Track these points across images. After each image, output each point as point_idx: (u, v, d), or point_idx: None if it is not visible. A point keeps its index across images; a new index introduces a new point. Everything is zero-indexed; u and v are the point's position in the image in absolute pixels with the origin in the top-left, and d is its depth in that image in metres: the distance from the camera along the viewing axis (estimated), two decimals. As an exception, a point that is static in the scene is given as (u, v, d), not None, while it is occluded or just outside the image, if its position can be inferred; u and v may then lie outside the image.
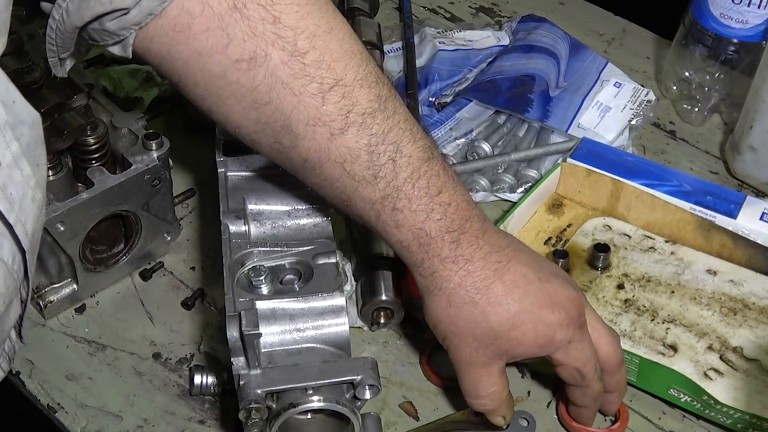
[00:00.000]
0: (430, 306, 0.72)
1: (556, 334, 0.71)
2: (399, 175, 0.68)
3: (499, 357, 0.72)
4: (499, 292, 0.70)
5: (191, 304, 0.89)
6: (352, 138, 0.66)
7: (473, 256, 0.70)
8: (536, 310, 0.70)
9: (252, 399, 0.66)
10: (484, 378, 0.73)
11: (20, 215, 0.57)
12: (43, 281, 0.86)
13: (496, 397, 0.74)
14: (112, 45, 0.66)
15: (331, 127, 0.65)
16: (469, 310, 0.70)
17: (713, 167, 1.07)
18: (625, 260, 0.91)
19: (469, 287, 0.70)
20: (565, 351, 0.72)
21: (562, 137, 1.05)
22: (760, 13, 1.01)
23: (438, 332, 0.73)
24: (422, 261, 0.70)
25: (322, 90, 0.65)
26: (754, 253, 0.89)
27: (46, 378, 0.83)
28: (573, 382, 0.74)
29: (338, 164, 0.67)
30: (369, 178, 0.67)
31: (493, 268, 0.70)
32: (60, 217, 0.79)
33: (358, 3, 1.19)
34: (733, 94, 1.08)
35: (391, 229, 0.69)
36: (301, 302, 0.71)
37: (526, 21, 1.20)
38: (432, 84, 1.11)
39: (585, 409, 0.77)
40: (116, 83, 1.04)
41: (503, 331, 0.70)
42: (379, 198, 0.68)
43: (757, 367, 0.81)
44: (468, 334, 0.71)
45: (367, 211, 0.69)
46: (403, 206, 0.68)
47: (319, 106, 0.65)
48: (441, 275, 0.70)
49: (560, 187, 0.98)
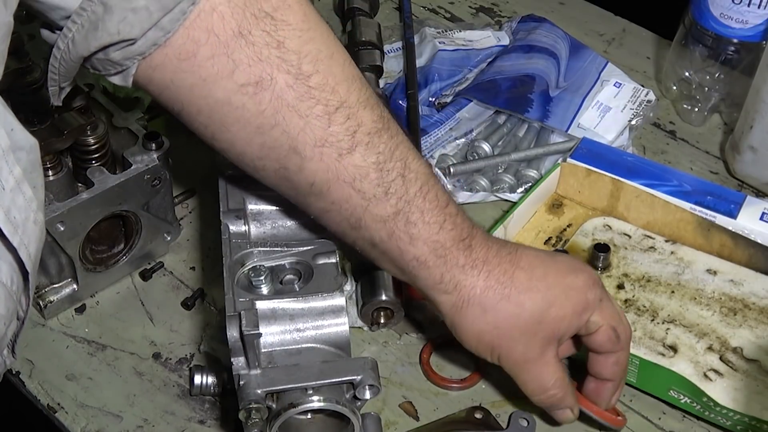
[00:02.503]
0: (465, 324, 0.72)
1: (587, 295, 0.72)
2: (409, 190, 0.68)
3: (549, 342, 0.72)
4: (524, 278, 0.71)
5: (191, 304, 0.89)
6: (360, 157, 0.66)
7: (488, 257, 0.71)
8: (562, 280, 0.72)
9: (252, 399, 0.66)
10: (544, 369, 0.73)
11: (24, 238, 0.58)
12: (43, 281, 0.86)
13: (561, 384, 0.74)
14: (114, 75, 0.66)
15: (339, 148, 0.66)
16: (505, 307, 0.70)
17: (713, 167, 1.07)
18: (625, 260, 0.91)
19: (496, 285, 0.70)
20: (601, 310, 0.72)
21: (562, 137, 1.05)
22: (760, 13, 1.01)
23: (484, 346, 0.73)
24: (442, 276, 0.70)
25: (328, 111, 0.65)
26: (754, 253, 0.89)
27: (46, 378, 0.83)
28: (609, 346, 0.73)
29: (347, 184, 0.67)
30: (380, 195, 0.67)
31: (508, 260, 0.71)
32: (60, 217, 0.79)
33: (358, 3, 1.19)
34: (733, 94, 1.08)
35: (407, 246, 0.69)
36: (301, 302, 0.71)
37: (526, 21, 1.20)
38: (432, 84, 1.11)
39: (611, 384, 0.76)
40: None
41: (542, 312, 0.71)
42: (392, 214, 0.68)
43: (757, 368, 0.81)
44: (514, 331, 0.71)
45: (379, 231, 0.69)
46: (416, 219, 0.69)
47: (325, 127, 0.65)
48: (465, 284, 0.70)
49: (560, 187, 0.98)
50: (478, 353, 0.74)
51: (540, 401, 0.75)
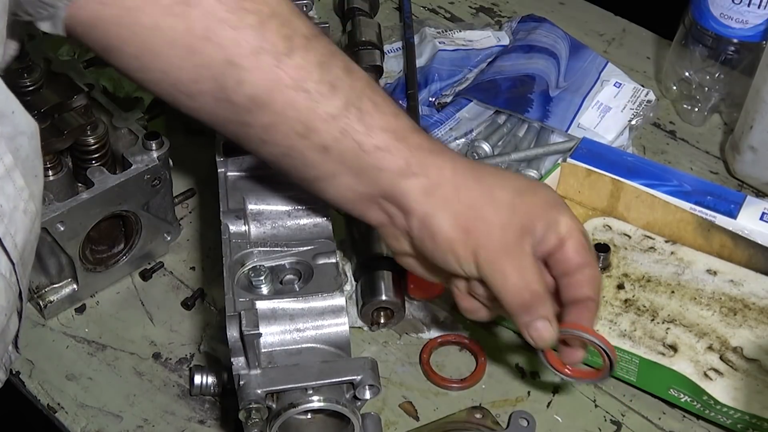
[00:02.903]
0: (437, 211, 0.66)
1: (554, 195, 0.71)
2: (356, 84, 0.66)
3: (525, 232, 0.67)
4: (489, 167, 0.69)
5: (191, 304, 0.89)
6: (300, 58, 0.64)
7: (449, 149, 0.69)
8: (523, 178, 0.72)
9: (252, 399, 0.66)
10: (525, 260, 0.67)
11: (9, 227, 0.57)
12: (43, 281, 0.86)
13: (541, 279, 0.68)
14: (44, 20, 0.64)
15: (277, 53, 0.63)
16: (478, 186, 0.67)
17: (713, 167, 1.07)
18: (625, 260, 0.91)
19: (465, 168, 0.67)
20: (569, 212, 0.70)
21: (562, 137, 1.05)
22: (760, 13, 1.01)
23: (459, 233, 0.66)
24: (407, 160, 0.66)
25: (261, 20, 0.63)
26: (754, 253, 0.89)
27: (46, 378, 0.83)
28: (583, 255, 0.69)
29: (290, 87, 0.64)
30: (325, 91, 0.65)
31: (471, 160, 0.71)
32: (60, 217, 0.79)
33: (358, 3, 1.19)
34: (733, 94, 1.08)
35: (363, 137, 0.65)
36: (301, 302, 0.71)
37: (526, 21, 1.20)
38: (432, 84, 1.11)
39: (592, 303, 0.70)
40: (116, 83, 1.04)
41: (513, 198, 0.68)
42: (341, 106, 0.65)
43: (757, 367, 0.81)
44: (489, 213, 0.67)
45: (331, 130, 0.65)
46: (369, 109, 0.66)
47: (260, 35, 0.63)
48: (434, 165, 0.67)
49: (560, 187, 0.98)
50: (451, 247, 0.67)
51: (521, 301, 0.67)
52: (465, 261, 0.67)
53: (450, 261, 0.68)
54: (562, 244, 0.69)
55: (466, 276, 0.69)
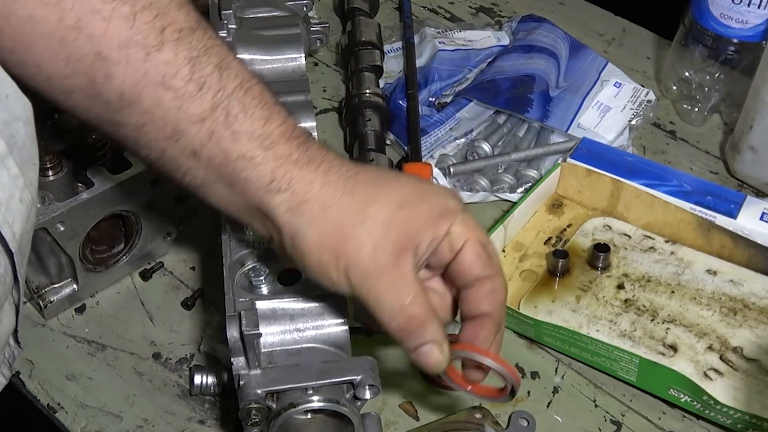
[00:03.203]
0: (303, 229, 0.61)
1: (447, 200, 0.64)
2: (227, 84, 0.61)
3: (404, 249, 0.61)
4: (370, 177, 0.62)
5: (191, 304, 0.89)
6: (171, 52, 0.59)
7: (327, 157, 0.62)
8: (417, 184, 0.64)
9: (252, 399, 0.66)
10: (400, 281, 0.61)
11: (7, 216, 0.56)
12: (43, 281, 0.86)
13: (422, 303, 0.62)
14: None
15: (146, 45, 0.59)
16: (348, 203, 0.61)
17: (713, 167, 1.07)
18: (625, 260, 0.91)
19: (337, 181, 0.61)
20: (464, 220, 0.63)
21: (562, 137, 1.05)
22: (760, 13, 1.02)
23: (327, 254, 0.61)
24: (273, 173, 0.61)
25: (134, 11, 0.59)
26: (754, 253, 0.89)
27: (46, 378, 0.83)
28: (480, 266, 0.64)
29: (157, 84, 0.59)
30: (193, 90, 0.60)
31: (352, 164, 0.63)
32: (60, 217, 0.79)
33: (358, 3, 1.19)
34: (733, 94, 1.08)
35: (230, 144, 0.60)
36: (301, 302, 0.71)
37: (526, 21, 1.20)
38: (432, 84, 1.11)
39: (490, 320, 0.64)
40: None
41: (392, 211, 0.61)
42: (209, 109, 0.60)
43: (757, 367, 0.81)
44: (360, 231, 0.61)
45: (198, 134, 0.60)
46: (238, 113, 0.60)
47: (129, 26, 0.59)
48: (301, 180, 0.61)
49: (560, 187, 0.98)
50: (321, 270, 0.62)
51: (399, 326, 0.62)
52: (338, 282, 0.62)
53: (324, 282, 0.63)
54: (456, 256, 0.64)
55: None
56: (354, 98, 1.05)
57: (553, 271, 0.89)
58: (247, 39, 0.90)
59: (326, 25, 1.03)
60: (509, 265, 0.91)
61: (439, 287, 0.68)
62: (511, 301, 0.87)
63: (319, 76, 1.17)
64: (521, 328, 0.86)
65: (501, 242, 0.92)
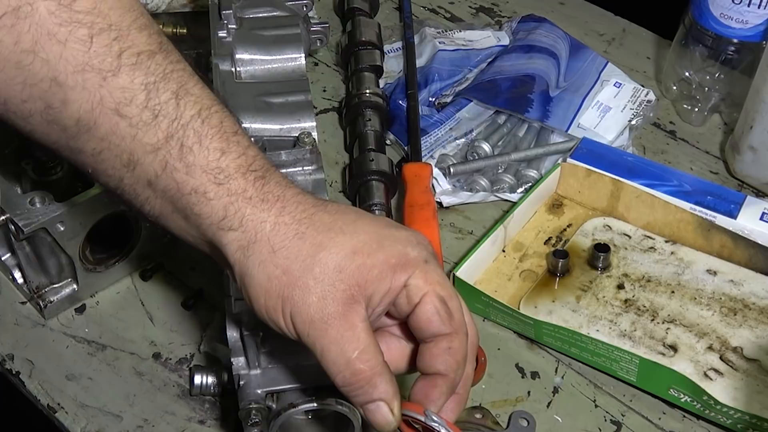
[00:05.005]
0: (252, 270, 0.58)
1: (408, 249, 0.60)
2: (185, 113, 0.59)
3: (354, 300, 0.58)
4: (326, 219, 0.59)
5: (191, 304, 0.89)
6: (127, 77, 0.57)
7: (285, 194, 0.59)
8: (377, 229, 0.60)
9: (252, 399, 0.66)
10: (346, 334, 0.58)
11: None
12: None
13: (370, 358, 0.58)
14: None
15: (102, 70, 0.57)
16: (298, 246, 0.58)
17: (713, 167, 1.07)
18: (625, 260, 0.91)
19: (290, 222, 0.58)
20: (425, 272, 0.59)
21: (562, 137, 1.05)
22: (760, 13, 1.02)
23: (273, 300, 0.58)
24: (226, 209, 0.58)
25: (92, 34, 0.57)
26: (754, 253, 0.89)
27: (46, 378, 0.83)
28: (437, 323, 0.59)
29: (113, 111, 0.58)
30: (148, 119, 0.58)
31: (311, 203, 0.60)
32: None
33: (358, 3, 1.19)
34: (733, 94, 1.08)
35: (183, 177, 0.58)
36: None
37: (526, 21, 1.20)
38: (432, 84, 1.11)
39: (443, 381, 0.60)
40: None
41: (344, 258, 0.58)
42: (163, 139, 0.58)
43: (757, 368, 0.81)
44: (308, 278, 0.57)
45: (153, 164, 0.58)
46: (192, 144, 0.58)
47: (86, 50, 0.57)
48: (253, 219, 0.58)
49: (560, 187, 0.98)
50: (268, 315, 0.59)
51: (344, 381, 0.58)
52: (285, 329, 0.59)
53: (272, 326, 0.60)
54: (414, 309, 0.60)
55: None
56: (354, 98, 1.05)
57: (553, 271, 0.89)
58: (247, 39, 0.90)
59: (326, 25, 1.03)
60: (509, 265, 0.91)
61: (402, 334, 0.64)
62: (512, 301, 0.87)
63: (319, 76, 1.17)
64: (521, 328, 0.86)
65: (501, 242, 0.92)
